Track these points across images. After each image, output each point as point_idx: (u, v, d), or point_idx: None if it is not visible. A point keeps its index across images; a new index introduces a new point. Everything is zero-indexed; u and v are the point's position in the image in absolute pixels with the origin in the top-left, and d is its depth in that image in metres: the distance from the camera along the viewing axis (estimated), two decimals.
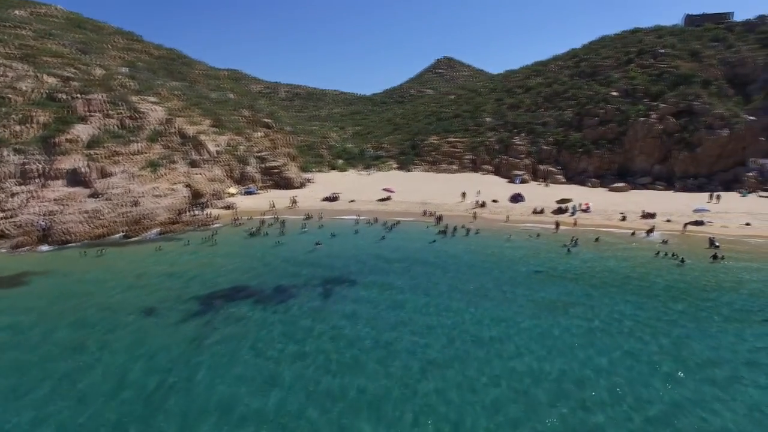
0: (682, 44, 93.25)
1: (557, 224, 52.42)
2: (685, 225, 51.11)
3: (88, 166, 58.99)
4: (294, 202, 67.68)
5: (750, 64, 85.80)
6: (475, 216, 56.92)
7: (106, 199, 56.04)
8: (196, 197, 64.85)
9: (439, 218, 56.22)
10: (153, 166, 64.83)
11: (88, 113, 66.79)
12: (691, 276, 36.61)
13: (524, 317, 29.18)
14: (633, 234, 49.34)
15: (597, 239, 47.34)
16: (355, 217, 59.86)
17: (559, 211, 60.13)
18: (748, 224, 52.61)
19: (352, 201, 69.54)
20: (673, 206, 60.15)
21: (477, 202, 64.65)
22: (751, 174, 71.67)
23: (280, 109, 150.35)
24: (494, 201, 66.30)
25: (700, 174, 74.42)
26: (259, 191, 77.89)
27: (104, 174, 59.69)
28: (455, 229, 52.16)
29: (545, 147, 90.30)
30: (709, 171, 74.52)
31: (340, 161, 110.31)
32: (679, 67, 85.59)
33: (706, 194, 65.98)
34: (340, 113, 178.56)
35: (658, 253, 42.05)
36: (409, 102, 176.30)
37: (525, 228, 53.28)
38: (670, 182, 75.13)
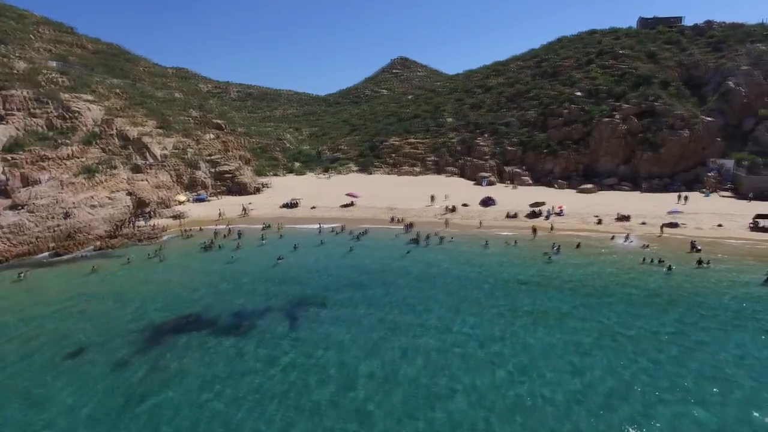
0: (639, 46, 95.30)
1: (535, 230, 50.39)
2: (662, 228, 50.41)
3: (7, 172, 51.36)
4: (245, 210, 62.11)
5: (703, 67, 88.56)
6: (447, 223, 54.05)
7: (30, 212, 48.62)
8: (140, 206, 58.34)
9: (410, 225, 52.96)
10: (89, 172, 57.57)
11: (5, 111, 58.65)
12: (681, 283, 35.17)
13: (525, 333, 26.34)
14: (612, 238, 47.97)
15: (578, 245, 45.50)
16: (318, 225, 55.53)
17: (533, 214, 58.41)
18: (720, 225, 52.64)
19: (313, 207, 65.11)
20: (645, 208, 59.83)
21: (447, 207, 61.95)
22: (711, 174, 73.22)
23: (232, 110, 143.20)
24: (465, 205, 63.88)
25: (663, 174, 75.42)
26: (210, 198, 71.89)
27: (28, 182, 52.13)
28: (428, 237, 49.02)
29: (510, 148, 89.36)
30: (672, 171, 75.68)
31: (297, 164, 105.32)
32: (639, 68, 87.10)
33: (674, 195, 66.54)
34: (294, 114, 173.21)
35: (644, 259, 40.58)
36: (365, 102, 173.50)
37: (501, 234, 50.85)
38: (635, 183, 75.68)
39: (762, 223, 51.68)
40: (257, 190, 78.22)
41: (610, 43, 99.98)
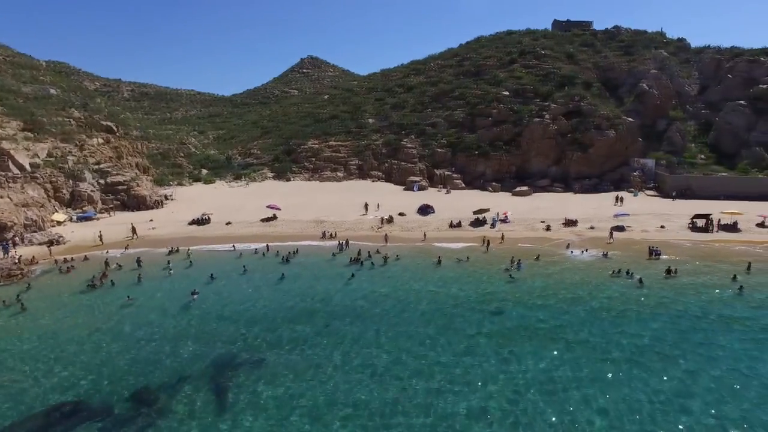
0: (558, 47, 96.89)
1: (487, 242, 45.75)
2: (611, 233, 48.37)
3: None
4: (134, 231, 50.59)
5: (618, 69, 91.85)
6: (386, 238, 47.45)
7: None
8: None
9: (346, 243, 45.80)
10: None
11: None
12: (664, 297, 32.19)
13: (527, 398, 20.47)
14: (568, 247, 44.75)
15: (537, 257, 41.49)
16: (236, 245, 46.33)
17: (478, 222, 54.12)
18: (662, 227, 52.26)
19: (228, 223, 55.18)
20: (587, 211, 58.42)
21: (383, 218, 55.57)
22: (636, 173, 74.86)
23: (125, 111, 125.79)
24: (401, 214, 58.04)
25: (592, 174, 75.94)
26: (99, 215, 58.78)
27: None
28: (369, 255, 42.29)
29: (439, 150, 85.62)
30: (600, 171, 76.52)
31: (205, 171, 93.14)
32: (562, 69, 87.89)
33: (607, 195, 66.67)
34: (197, 115, 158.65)
35: (614, 272, 37.34)
36: (274, 103, 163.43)
37: (450, 248, 45.48)
38: (566, 183, 75.35)
39: (699, 223, 52.13)
40: (159, 204, 65.95)
41: (531, 44, 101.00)
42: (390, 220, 55.20)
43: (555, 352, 24.74)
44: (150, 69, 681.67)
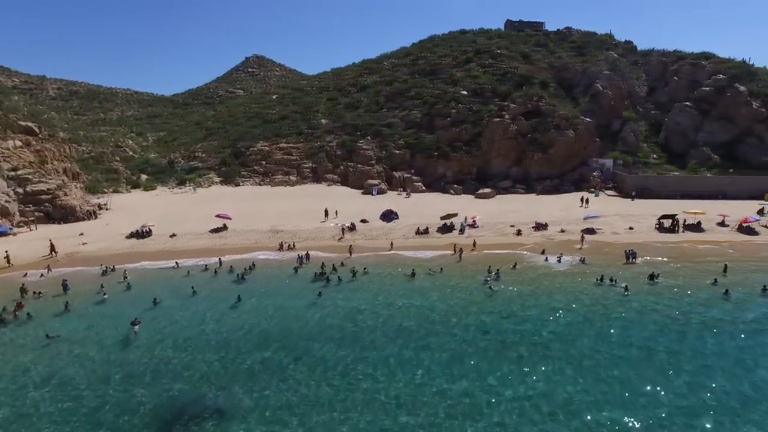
0: (513, 47, 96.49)
1: (460, 250, 42.80)
2: (583, 237, 46.85)
3: None
4: (53, 249, 43.62)
5: (572, 70, 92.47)
6: (351, 250, 43.34)
7: None
8: None
9: (307, 256, 41.39)
10: None
11: None
12: (657, 304, 30.56)
13: None
14: (543, 253, 42.63)
15: (514, 266, 39.05)
16: (183, 262, 40.79)
17: (446, 228, 51.30)
18: (631, 228, 51.65)
19: (173, 235, 49.08)
20: (555, 213, 57.21)
21: (344, 226, 51.38)
22: (595, 173, 74.97)
23: (51, 110, 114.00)
24: (363, 221, 54.23)
25: (553, 175, 75.42)
26: (16, 230, 50.87)
27: None
28: (335, 269, 38.24)
29: (397, 151, 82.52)
30: (560, 171, 76.16)
31: (144, 177, 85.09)
32: (519, 68, 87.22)
33: (569, 196, 66.13)
34: (135, 116, 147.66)
35: (597, 280, 35.37)
36: (219, 103, 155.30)
37: (420, 258, 42.27)
38: (528, 184, 74.36)
39: (666, 223, 51.94)
40: (91, 215, 58.39)
41: (486, 43, 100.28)
42: (352, 228, 51.24)
43: (562, 372, 21.91)
44: (80, 66, 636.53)
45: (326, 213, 56.45)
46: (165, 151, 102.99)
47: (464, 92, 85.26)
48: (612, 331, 27.39)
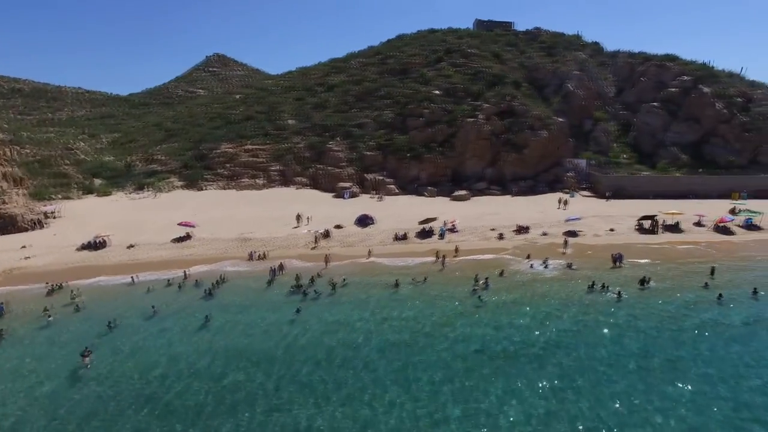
0: (484, 46, 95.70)
1: (443, 257, 40.74)
2: (565, 242, 45.70)
3: None
4: None
5: (543, 70, 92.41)
6: (327, 260, 40.48)
7: None
8: None
9: (280, 267, 38.32)
10: None
11: None
12: (661, 312, 29.23)
13: None
14: (528, 258, 41.14)
15: (501, 273, 37.30)
16: (143, 276, 36.99)
17: (425, 233, 49.22)
18: (612, 230, 51.06)
19: (131, 246, 44.84)
20: (535, 215, 56.27)
21: (317, 233, 48.41)
22: (569, 174, 74.72)
23: None
24: (338, 227, 51.52)
25: (527, 176, 74.78)
26: None
27: None
28: (312, 281, 35.44)
29: (368, 153, 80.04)
30: (535, 172, 75.54)
31: (99, 181, 79.26)
32: (491, 68, 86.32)
33: (546, 197, 65.91)
34: (87, 116, 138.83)
35: (589, 287, 33.99)
36: (179, 103, 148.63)
37: (401, 266, 40.02)
38: (503, 185, 73.38)
39: (645, 224, 51.68)
40: (37, 224, 53.25)
41: (456, 42, 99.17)
42: (327, 234, 48.44)
43: (565, 390, 19.99)
44: (24, 62, 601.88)
45: (298, 218, 53.38)
46: (121, 154, 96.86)
47: (437, 92, 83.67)
48: (611, 340, 26.14)
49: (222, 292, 33.96)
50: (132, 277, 36.43)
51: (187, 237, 47.03)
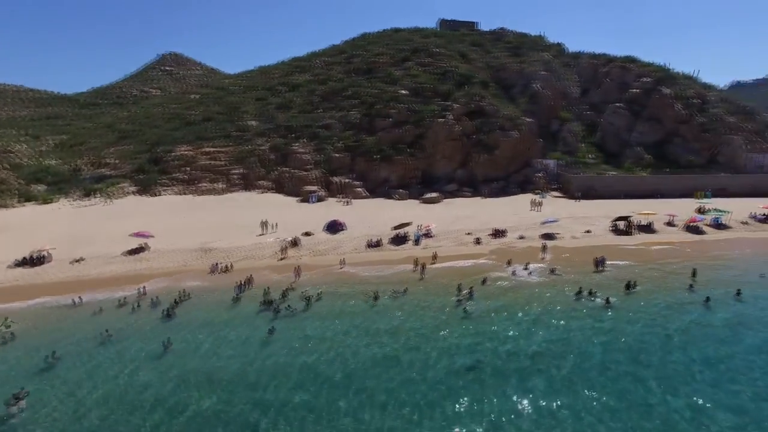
0: (450, 45, 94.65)
1: (422, 265, 38.63)
2: (544, 246, 44.51)
3: None
4: None
5: (509, 70, 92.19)
6: (298, 272, 37.53)
7: None
8: None
9: (248, 281, 35.17)
10: None
11: None
12: (653, 319, 28.10)
13: None
14: (509, 264, 39.64)
15: (484, 281, 35.54)
16: (92, 295, 32.91)
17: (399, 239, 47.03)
18: (588, 231, 50.48)
19: (78, 260, 40.20)
20: (509, 218, 55.13)
21: (285, 241, 45.30)
22: (539, 174, 74.39)
23: None
24: (307, 234, 48.59)
25: (498, 177, 74.02)
26: None
27: None
28: (284, 296, 32.56)
29: (335, 155, 77.26)
30: (506, 173, 74.90)
31: (41, 187, 72.85)
32: (458, 68, 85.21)
33: (518, 198, 65.45)
34: (29, 117, 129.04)
35: (576, 294, 32.69)
36: (132, 104, 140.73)
37: (377, 276, 37.68)
38: (474, 187, 72.32)
39: (620, 225, 51.45)
40: None
41: (422, 42, 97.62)
42: (295, 242, 45.46)
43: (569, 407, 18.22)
44: None
45: (263, 225, 50.10)
46: (68, 157, 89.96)
47: (404, 92, 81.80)
48: (603, 348, 24.70)
49: (183, 311, 30.44)
50: (73, 299, 32.01)
51: (142, 248, 42.93)
